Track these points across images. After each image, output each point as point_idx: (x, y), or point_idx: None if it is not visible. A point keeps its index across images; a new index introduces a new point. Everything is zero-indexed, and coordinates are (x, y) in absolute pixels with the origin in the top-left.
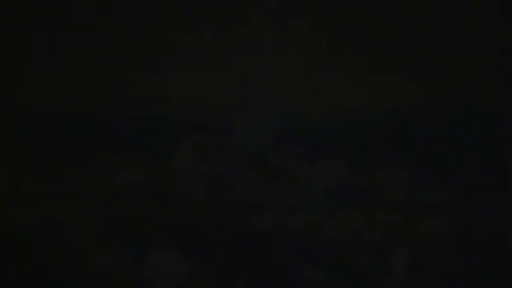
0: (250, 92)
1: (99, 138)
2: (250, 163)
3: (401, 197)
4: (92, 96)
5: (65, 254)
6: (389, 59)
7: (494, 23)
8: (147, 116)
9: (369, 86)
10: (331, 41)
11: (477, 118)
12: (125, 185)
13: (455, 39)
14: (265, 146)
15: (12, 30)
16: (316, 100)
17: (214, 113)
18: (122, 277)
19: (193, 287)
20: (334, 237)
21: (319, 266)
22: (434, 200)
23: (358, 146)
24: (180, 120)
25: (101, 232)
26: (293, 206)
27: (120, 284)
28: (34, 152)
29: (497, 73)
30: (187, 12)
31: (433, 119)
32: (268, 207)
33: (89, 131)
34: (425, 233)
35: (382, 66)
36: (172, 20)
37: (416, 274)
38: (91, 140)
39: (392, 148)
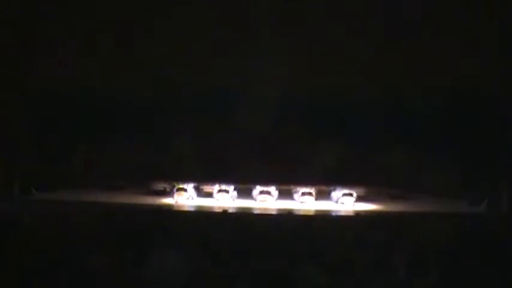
0: (251, 74)
1: (101, 119)
2: (252, 144)
3: (402, 179)
4: (95, 78)
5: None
6: (391, 42)
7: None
8: (149, 98)
9: (370, 69)
10: (332, 23)
11: (477, 107)
12: (127, 166)
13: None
14: (266, 127)
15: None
16: (316, 82)
17: (215, 96)
18: (122, 277)
19: (194, 287)
20: (334, 237)
21: (319, 266)
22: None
23: (359, 128)
24: (182, 102)
25: (101, 232)
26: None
27: (120, 284)
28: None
29: (498, 63)
30: None
31: (432, 104)
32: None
33: (90, 113)
34: (425, 233)
35: (383, 50)
36: (177, 2)
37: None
38: (92, 121)
39: (393, 130)
